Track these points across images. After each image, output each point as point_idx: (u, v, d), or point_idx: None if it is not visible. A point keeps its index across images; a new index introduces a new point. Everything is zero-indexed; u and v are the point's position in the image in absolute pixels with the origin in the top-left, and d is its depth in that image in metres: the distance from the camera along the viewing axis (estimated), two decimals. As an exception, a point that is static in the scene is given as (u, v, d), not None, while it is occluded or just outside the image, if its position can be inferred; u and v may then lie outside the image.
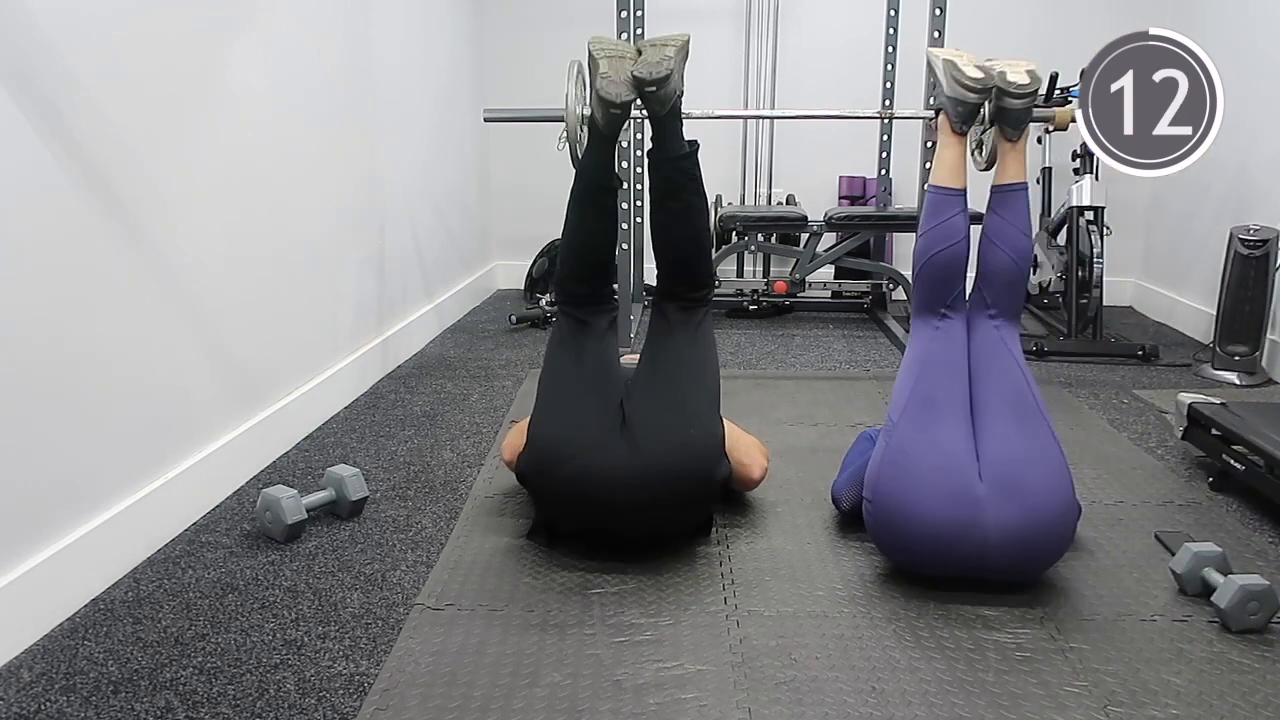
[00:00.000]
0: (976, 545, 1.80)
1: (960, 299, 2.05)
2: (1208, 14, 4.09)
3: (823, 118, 4.19)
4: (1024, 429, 1.88)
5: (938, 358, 1.99)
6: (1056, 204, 4.35)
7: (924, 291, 2.05)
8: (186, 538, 2.13)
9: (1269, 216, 3.46)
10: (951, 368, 1.97)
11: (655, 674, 1.62)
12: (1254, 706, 1.55)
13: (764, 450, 2.27)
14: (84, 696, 1.56)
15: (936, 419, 1.90)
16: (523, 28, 4.88)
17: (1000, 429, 1.88)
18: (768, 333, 4.23)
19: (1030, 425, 1.89)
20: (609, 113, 2.06)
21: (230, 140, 2.37)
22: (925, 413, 1.91)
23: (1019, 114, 2.13)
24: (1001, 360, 1.98)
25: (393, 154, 3.57)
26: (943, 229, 2.05)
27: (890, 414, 1.97)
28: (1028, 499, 1.80)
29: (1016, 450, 1.85)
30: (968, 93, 2.11)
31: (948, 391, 1.94)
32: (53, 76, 1.76)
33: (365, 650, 1.70)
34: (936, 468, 1.84)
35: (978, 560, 1.82)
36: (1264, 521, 2.25)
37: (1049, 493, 1.82)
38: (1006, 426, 1.88)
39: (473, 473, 2.52)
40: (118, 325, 1.96)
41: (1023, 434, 1.87)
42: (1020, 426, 1.88)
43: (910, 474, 1.85)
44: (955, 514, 1.80)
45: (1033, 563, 1.88)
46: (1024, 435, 1.87)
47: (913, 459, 1.86)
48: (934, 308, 2.03)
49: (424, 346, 3.88)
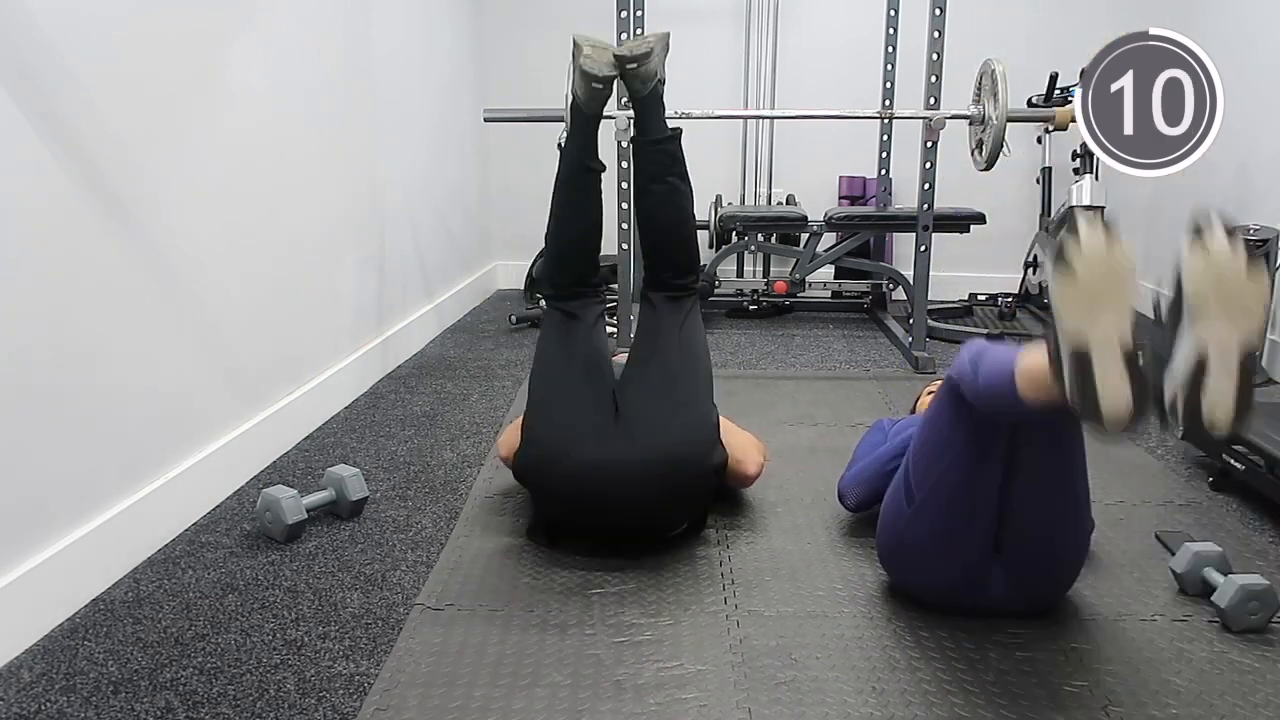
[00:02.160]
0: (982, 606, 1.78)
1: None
2: (1207, 14, 4.09)
3: (823, 118, 4.18)
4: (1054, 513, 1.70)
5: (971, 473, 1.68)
6: (1056, 204, 4.35)
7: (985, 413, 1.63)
8: (186, 538, 2.13)
9: (1269, 216, 3.45)
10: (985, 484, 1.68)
11: (655, 674, 1.62)
12: (1254, 706, 1.55)
13: (760, 447, 2.27)
14: (84, 697, 1.56)
15: (962, 516, 1.69)
16: (523, 28, 4.89)
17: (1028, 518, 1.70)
18: (768, 333, 4.23)
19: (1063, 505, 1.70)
20: (591, 87, 2.12)
21: (230, 140, 2.37)
22: (952, 507, 1.69)
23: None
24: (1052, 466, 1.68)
25: (393, 154, 3.57)
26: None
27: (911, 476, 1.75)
28: (1036, 585, 1.77)
29: (1040, 533, 1.70)
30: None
31: (979, 493, 1.68)
32: (53, 76, 1.76)
33: (365, 650, 1.70)
34: (952, 563, 1.74)
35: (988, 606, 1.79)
36: (1264, 521, 2.25)
37: (1061, 572, 1.78)
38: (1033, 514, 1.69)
39: (473, 473, 2.52)
40: (117, 325, 1.96)
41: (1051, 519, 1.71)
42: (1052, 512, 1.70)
43: (923, 557, 1.77)
44: (963, 591, 1.77)
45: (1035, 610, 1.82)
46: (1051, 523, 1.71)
47: (926, 554, 1.76)
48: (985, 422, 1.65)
49: (424, 346, 3.88)
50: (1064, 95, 3.93)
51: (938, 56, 3.50)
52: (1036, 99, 4.18)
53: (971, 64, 3.44)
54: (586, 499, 1.95)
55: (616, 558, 2.00)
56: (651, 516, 2.01)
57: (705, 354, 2.17)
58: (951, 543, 1.73)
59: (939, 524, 1.72)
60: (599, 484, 1.91)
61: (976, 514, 1.69)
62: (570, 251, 2.19)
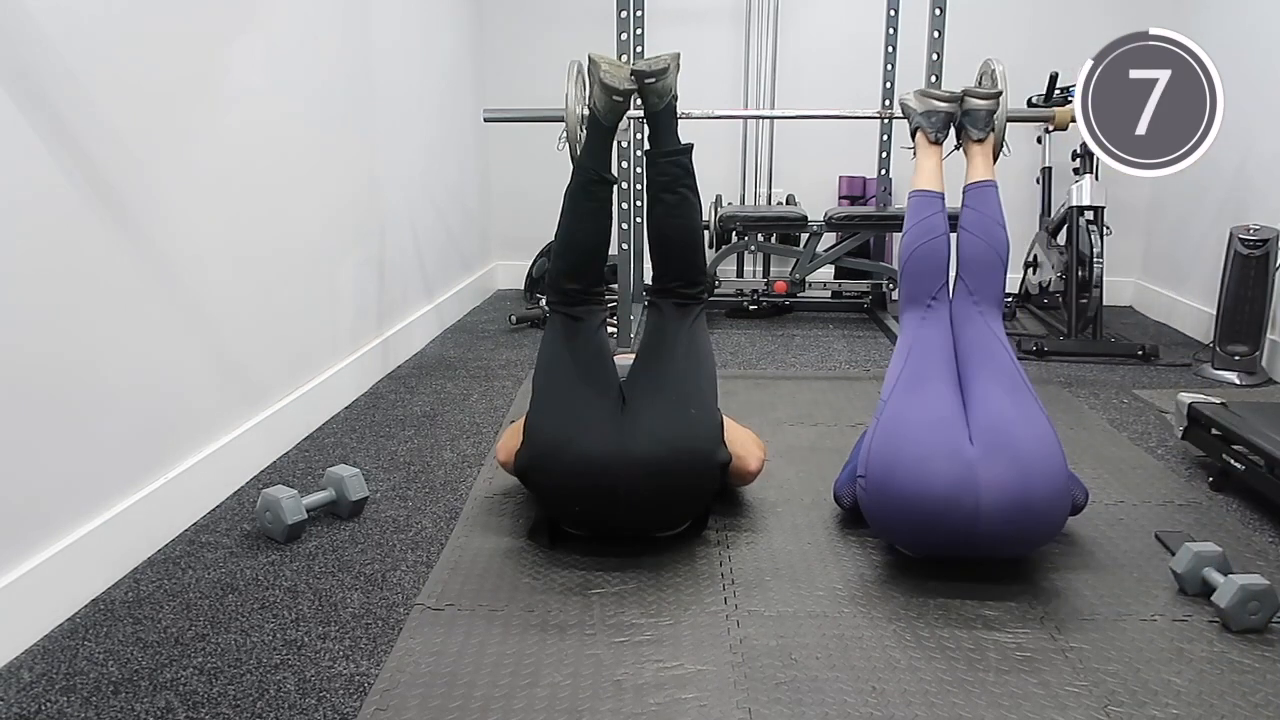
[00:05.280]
0: (969, 510, 1.78)
1: (944, 291, 2.18)
2: (1207, 14, 4.09)
3: (822, 117, 4.19)
4: (1012, 397, 1.94)
5: (925, 340, 2.10)
6: (1056, 204, 4.35)
7: (910, 285, 2.19)
8: (186, 538, 2.13)
9: (1269, 216, 3.45)
10: (939, 345, 2.08)
11: (655, 674, 1.62)
12: (1254, 706, 1.55)
13: (760, 444, 2.27)
14: (84, 697, 1.56)
15: (926, 387, 1.98)
16: (523, 28, 4.88)
17: (988, 394, 1.95)
18: (768, 333, 4.23)
19: (1018, 396, 1.95)
20: (611, 100, 2.19)
21: (230, 141, 2.37)
22: (915, 384, 2.00)
23: (980, 114, 2.42)
24: (986, 341, 2.09)
25: (393, 154, 3.57)
26: (924, 225, 2.22)
27: (881, 396, 2.04)
28: (1019, 457, 1.82)
29: (1006, 413, 1.91)
30: (938, 103, 2.43)
31: (936, 367, 2.03)
32: (52, 76, 1.76)
33: (365, 650, 1.70)
34: (927, 426, 1.89)
35: (969, 527, 1.79)
36: (1264, 521, 2.25)
37: (1039, 453, 1.83)
38: (994, 392, 1.95)
39: (473, 473, 2.52)
40: (118, 326, 1.96)
41: (1011, 400, 1.93)
42: (1008, 394, 1.95)
43: (901, 437, 1.89)
44: (947, 474, 1.80)
45: (1026, 533, 1.85)
46: (1012, 402, 1.93)
47: (903, 423, 1.92)
48: (920, 300, 2.16)
49: (424, 347, 3.88)
50: (1064, 95, 3.93)
51: (938, 57, 3.51)
52: (1036, 99, 4.18)
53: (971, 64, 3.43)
54: (589, 493, 1.94)
55: (616, 558, 2.00)
56: (654, 513, 2.01)
57: (710, 359, 2.20)
58: (924, 406, 1.93)
59: (908, 398, 1.96)
60: (603, 477, 1.91)
61: (938, 377, 1.99)
62: (581, 263, 2.21)
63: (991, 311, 2.16)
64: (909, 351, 2.08)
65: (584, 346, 2.13)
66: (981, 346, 2.08)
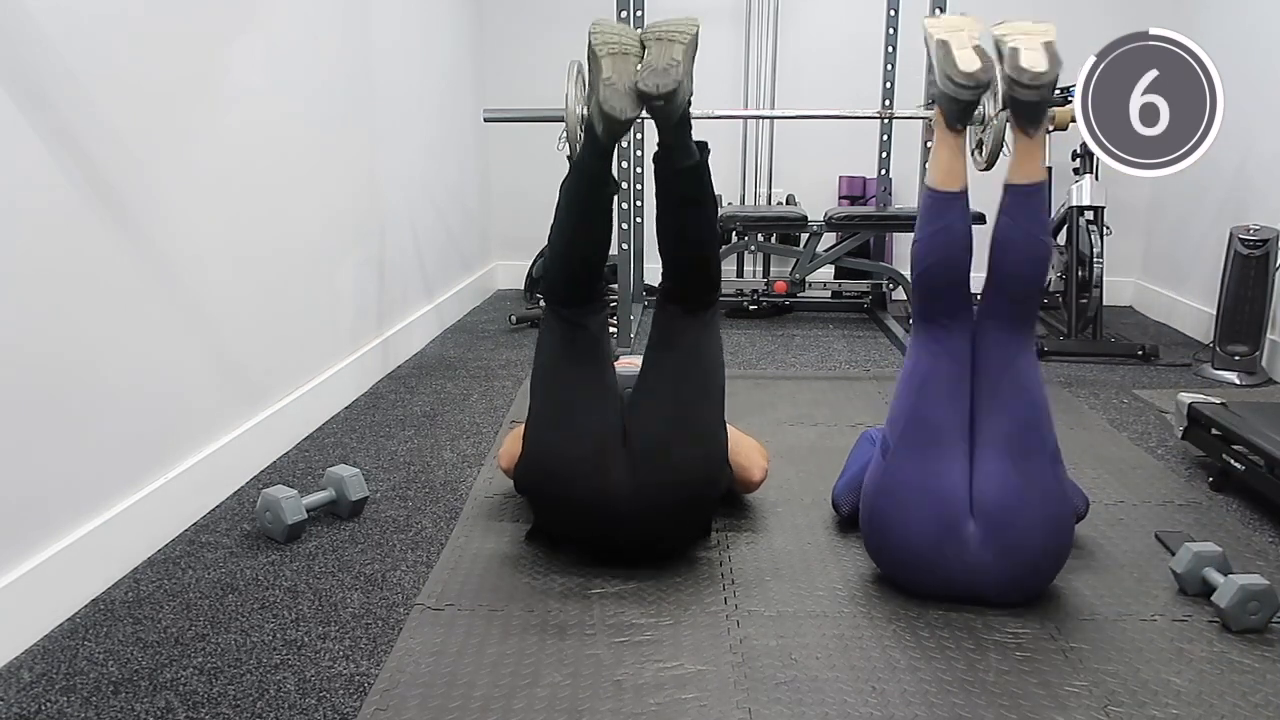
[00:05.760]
0: (965, 578, 1.80)
1: (963, 308, 1.86)
2: (1207, 14, 4.09)
3: (823, 117, 4.18)
4: (1024, 468, 1.77)
5: (938, 379, 1.83)
6: (1056, 204, 4.35)
7: (922, 302, 1.88)
8: (186, 538, 2.13)
9: (1268, 216, 3.46)
10: (952, 392, 1.83)
11: (655, 674, 1.62)
12: (1254, 706, 1.55)
13: (764, 453, 2.26)
14: (84, 697, 1.56)
15: (933, 448, 1.80)
16: (523, 28, 4.88)
17: (997, 468, 1.78)
18: (768, 333, 4.23)
19: (1032, 463, 1.77)
20: (610, 127, 1.88)
21: (230, 141, 2.37)
22: (922, 438, 1.82)
23: (1031, 107, 1.81)
24: (1008, 383, 1.81)
25: (393, 154, 3.56)
26: (939, 234, 1.84)
27: (887, 432, 1.88)
28: (1014, 548, 1.77)
29: (1010, 495, 1.76)
30: (961, 89, 1.80)
31: (947, 418, 1.81)
32: (52, 76, 1.76)
33: (365, 650, 1.70)
34: (928, 501, 1.79)
35: (967, 588, 1.82)
36: (1264, 521, 2.25)
37: (1039, 539, 1.78)
38: (1004, 465, 1.77)
39: (473, 473, 2.52)
40: (117, 326, 1.96)
41: (1021, 475, 1.77)
42: (1020, 465, 1.77)
43: (901, 505, 1.82)
44: (942, 550, 1.79)
45: (1020, 594, 1.84)
46: (1022, 477, 1.77)
47: (905, 487, 1.81)
48: (933, 318, 1.86)
49: (424, 347, 3.88)
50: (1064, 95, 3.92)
51: (938, 56, 3.49)
52: (1036, 99, 4.17)
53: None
54: (587, 523, 1.94)
55: (617, 558, 1.99)
56: (651, 538, 1.99)
57: (720, 369, 2.03)
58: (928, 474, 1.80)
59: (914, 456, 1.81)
60: (600, 511, 1.89)
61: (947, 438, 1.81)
62: (580, 269, 2.02)
63: (1020, 341, 1.84)
64: (919, 388, 1.84)
65: (586, 359, 2.00)
66: (1003, 393, 1.81)
